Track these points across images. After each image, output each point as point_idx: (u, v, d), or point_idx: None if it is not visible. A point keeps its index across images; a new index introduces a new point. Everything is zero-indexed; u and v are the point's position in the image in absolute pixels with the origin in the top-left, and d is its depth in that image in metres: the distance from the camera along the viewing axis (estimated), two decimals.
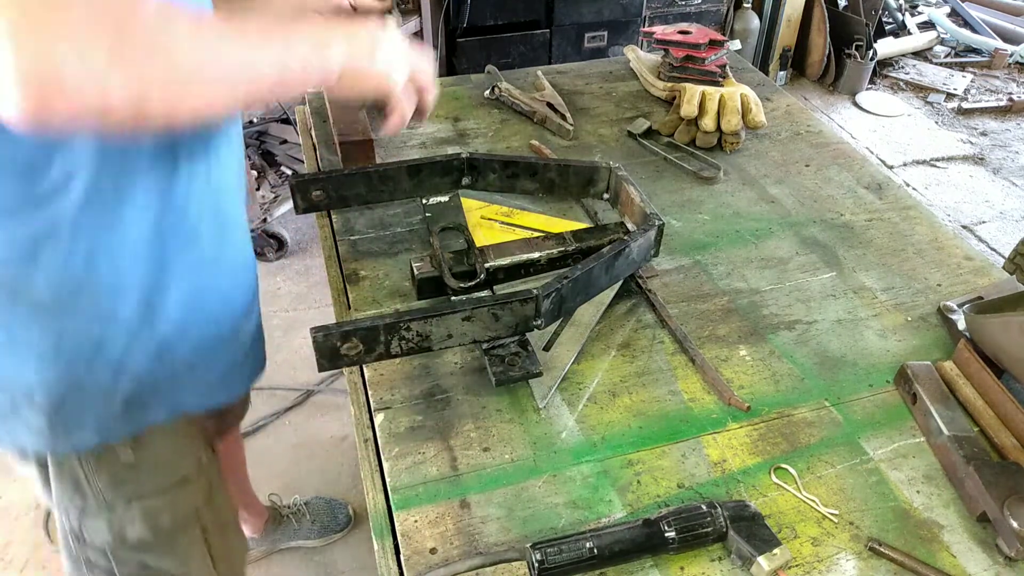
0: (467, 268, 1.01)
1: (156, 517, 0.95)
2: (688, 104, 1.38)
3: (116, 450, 0.89)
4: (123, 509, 0.93)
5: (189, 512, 0.99)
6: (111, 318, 0.80)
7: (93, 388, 0.83)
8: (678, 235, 1.18)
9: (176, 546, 0.99)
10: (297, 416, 2.18)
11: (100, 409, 0.85)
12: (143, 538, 0.95)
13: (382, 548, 0.77)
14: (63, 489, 0.91)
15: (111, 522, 0.93)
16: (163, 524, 0.96)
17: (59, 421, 0.84)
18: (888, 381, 0.95)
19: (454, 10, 2.97)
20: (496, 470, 0.83)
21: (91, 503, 0.92)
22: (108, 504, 0.92)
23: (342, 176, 1.10)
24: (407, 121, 0.88)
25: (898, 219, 1.24)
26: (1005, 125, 3.78)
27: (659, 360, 0.97)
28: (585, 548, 0.70)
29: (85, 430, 0.86)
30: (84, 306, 0.78)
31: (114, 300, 0.79)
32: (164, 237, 0.80)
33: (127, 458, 0.90)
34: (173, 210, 0.80)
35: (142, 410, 0.88)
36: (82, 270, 0.76)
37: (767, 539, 0.73)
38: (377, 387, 0.92)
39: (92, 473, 0.90)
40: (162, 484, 0.95)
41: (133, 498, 0.93)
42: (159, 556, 0.98)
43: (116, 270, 0.78)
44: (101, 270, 0.77)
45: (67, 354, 0.80)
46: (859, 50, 3.83)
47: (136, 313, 0.81)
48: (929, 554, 0.76)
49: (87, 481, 0.90)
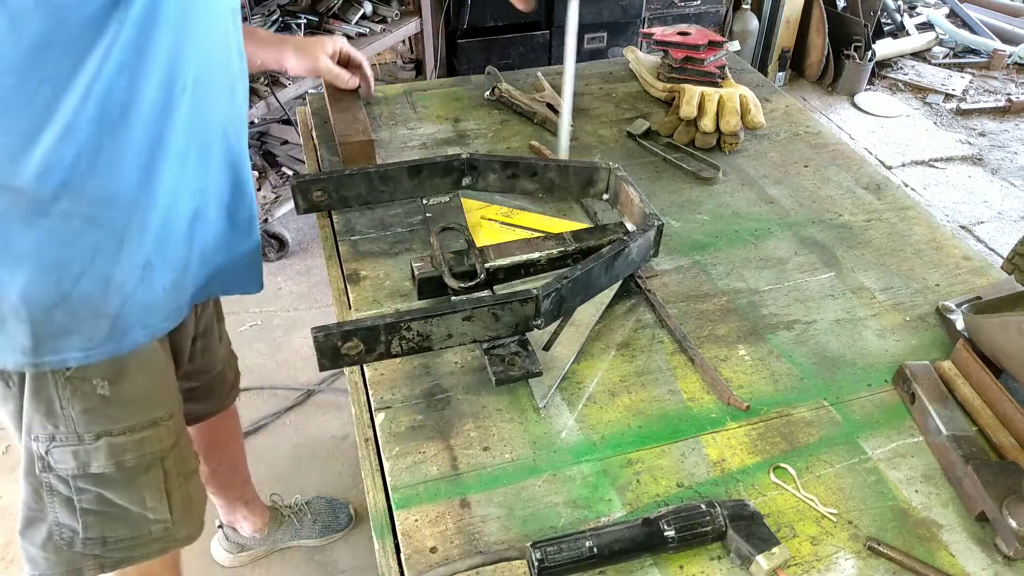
0: (467, 268, 1.01)
1: (121, 454, 0.98)
2: (687, 105, 1.38)
3: (93, 381, 0.92)
4: (90, 442, 0.96)
5: (154, 455, 1.02)
6: (105, 227, 0.84)
7: (81, 302, 0.85)
8: (677, 235, 1.19)
9: (136, 485, 1.01)
10: (298, 416, 2.18)
11: (86, 325, 0.87)
12: (106, 473, 0.98)
13: (383, 547, 0.77)
14: (36, 413, 0.93)
15: (77, 453, 0.96)
16: (127, 462, 0.99)
17: (45, 335, 0.86)
18: (887, 381, 0.95)
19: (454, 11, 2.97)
20: (496, 469, 0.83)
21: (61, 431, 0.94)
22: (78, 435, 0.95)
23: (343, 176, 1.11)
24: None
25: (897, 219, 1.24)
26: (1003, 126, 3.78)
27: (658, 360, 0.97)
28: (585, 547, 0.71)
29: (70, 348, 0.88)
30: (81, 211, 0.81)
31: (109, 208, 0.83)
32: (161, 152, 0.84)
33: (103, 390, 0.93)
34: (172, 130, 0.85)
35: (125, 331, 0.91)
36: (85, 171, 0.79)
37: (766, 538, 0.74)
38: (378, 387, 0.92)
39: (67, 400, 0.92)
40: (132, 423, 0.98)
41: (102, 433, 0.96)
42: (118, 492, 1.00)
43: (115, 176, 0.82)
44: (101, 173, 0.80)
45: (60, 263, 0.83)
46: (858, 51, 3.84)
47: (127, 224, 0.85)
48: (928, 553, 0.76)
49: (60, 408, 0.93)
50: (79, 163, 0.79)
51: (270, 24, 2.64)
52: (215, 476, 1.59)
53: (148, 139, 0.83)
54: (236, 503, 1.71)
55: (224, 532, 1.79)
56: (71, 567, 1.03)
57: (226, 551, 1.80)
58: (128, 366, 0.95)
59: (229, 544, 1.80)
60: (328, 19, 2.80)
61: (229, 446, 1.58)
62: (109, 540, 1.03)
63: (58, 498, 0.99)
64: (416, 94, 1.55)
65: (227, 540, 1.79)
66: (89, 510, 1.00)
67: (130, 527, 1.04)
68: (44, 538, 1.01)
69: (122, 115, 0.79)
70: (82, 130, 0.77)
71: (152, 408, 1.00)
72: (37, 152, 0.76)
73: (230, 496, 1.70)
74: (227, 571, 1.81)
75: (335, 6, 2.82)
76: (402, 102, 1.52)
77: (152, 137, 0.83)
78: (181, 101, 0.84)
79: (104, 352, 0.91)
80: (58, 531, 1.00)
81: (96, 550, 1.03)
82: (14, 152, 0.76)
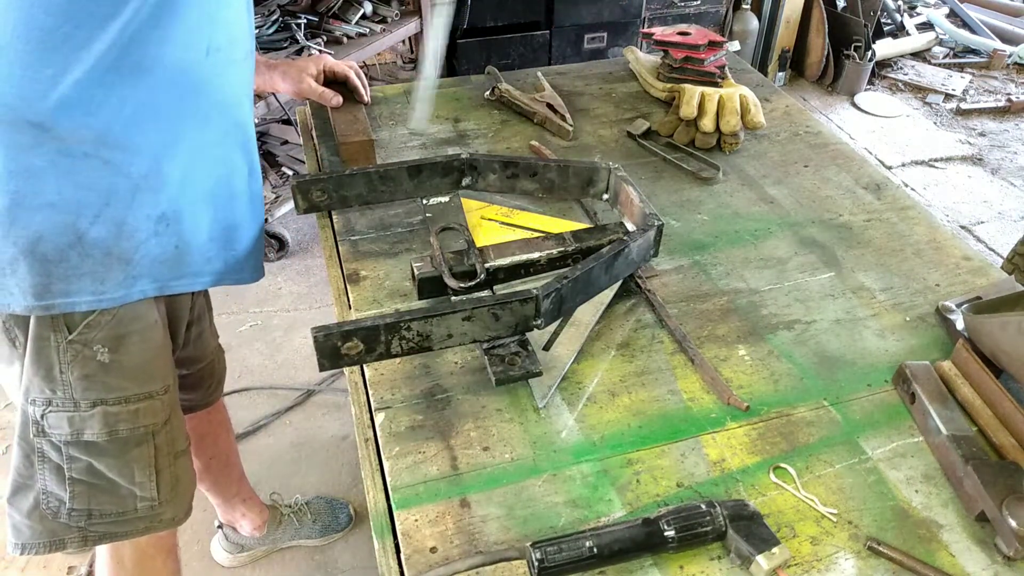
0: (467, 268, 1.01)
1: (114, 424, 0.99)
2: (687, 105, 1.38)
3: (94, 347, 0.94)
4: (86, 408, 0.97)
5: (147, 428, 1.03)
6: (122, 173, 0.88)
7: (95, 245, 0.89)
8: (677, 235, 1.19)
9: (127, 458, 1.03)
10: (298, 416, 2.18)
11: (99, 268, 0.90)
12: (98, 442, 0.99)
13: (383, 547, 0.77)
14: (35, 376, 0.95)
15: (72, 419, 0.97)
16: (120, 432, 1.00)
17: (58, 276, 0.88)
18: (887, 381, 0.95)
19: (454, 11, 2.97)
20: (496, 469, 0.83)
21: (58, 395, 0.96)
22: (74, 401, 0.96)
23: (343, 177, 1.11)
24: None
25: (897, 219, 1.24)
26: (1003, 125, 3.78)
27: (658, 360, 0.97)
28: (585, 547, 0.71)
29: (82, 291, 0.90)
30: (102, 154, 0.86)
31: (128, 155, 0.87)
32: (183, 110, 0.91)
33: (102, 357, 0.95)
34: (195, 90, 0.91)
35: (135, 280, 0.94)
36: (109, 116, 0.84)
37: (766, 538, 0.74)
38: (378, 387, 0.92)
39: (67, 364, 0.94)
40: (127, 394, 1.00)
41: (98, 401, 0.97)
42: (108, 463, 1.02)
43: (137, 125, 0.87)
44: (124, 121, 0.85)
45: (78, 203, 0.86)
46: (858, 51, 3.84)
47: (146, 174, 0.89)
48: (928, 553, 0.76)
49: (60, 372, 0.94)
50: (104, 107, 0.83)
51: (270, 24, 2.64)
52: (208, 471, 1.60)
53: (172, 94, 0.88)
54: (233, 501, 1.72)
55: (224, 532, 1.79)
56: (54, 537, 1.04)
57: (226, 551, 1.80)
58: (128, 335, 0.97)
59: (229, 544, 1.80)
60: (328, 19, 2.79)
61: (220, 439, 1.58)
62: (94, 513, 1.04)
63: (48, 465, 1.00)
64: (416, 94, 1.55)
65: (227, 540, 1.79)
66: (78, 480, 1.01)
67: (116, 502, 1.05)
68: (30, 506, 1.02)
69: (150, 66, 0.84)
70: (110, 75, 0.82)
71: (148, 380, 1.02)
72: (66, 91, 0.80)
73: (226, 494, 1.70)
74: (227, 571, 1.81)
75: (335, 6, 2.81)
76: (402, 102, 1.52)
77: (176, 94, 0.88)
78: (205, 63, 0.90)
79: (115, 299, 0.93)
80: (45, 500, 1.02)
81: (80, 522, 1.04)
82: (45, 89, 0.80)
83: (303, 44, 2.64)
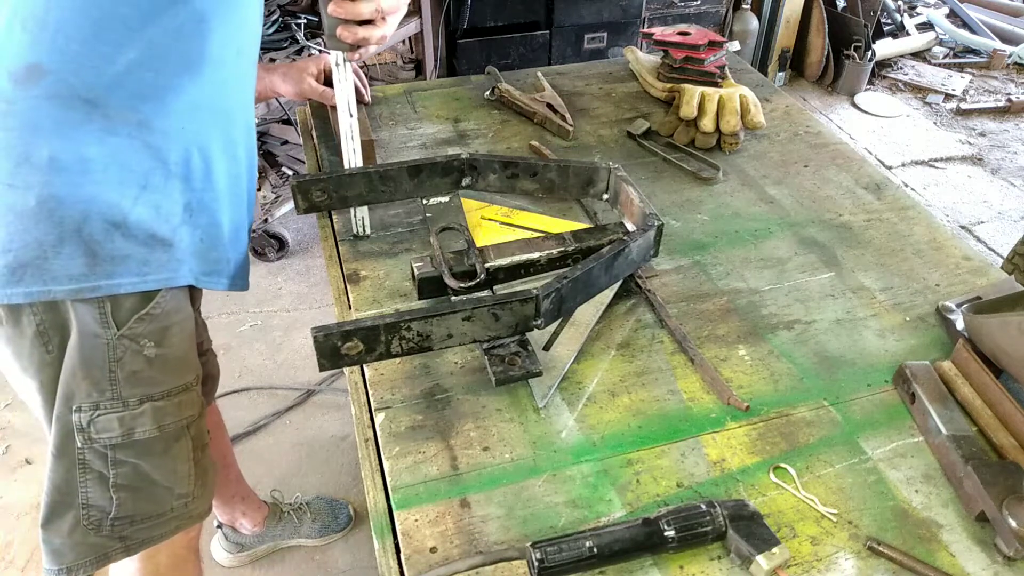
0: (467, 268, 1.01)
1: (163, 418, 1.00)
2: (687, 105, 1.38)
3: (141, 342, 0.95)
4: (135, 406, 0.97)
5: (187, 420, 1.04)
6: (159, 157, 0.90)
7: (138, 226, 0.90)
8: (677, 235, 1.19)
9: (171, 453, 1.03)
10: (298, 415, 2.18)
11: (142, 249, 0.92)
12: (149, 439, 0.99)
13: (383, 547, 0.77)
14: (83, 380, 0.94)
15: (123, 419, 0.97)
16: (168, 427, 1.01)
17: (103, 257, 0.89)
18: (887, 381, 0.95)
19: (454, 11, 2.97)
20: (496, 469, 0.83)
21: (107, 396, 0.95)
22: (123, 400, 0.96)
23: (343, 176, 1.11)
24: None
25: (897, 219, 1.24)
26: (1003, 125, 3.78)
27: (658, 360, 0.97)
28: (585, 547, 0.71)
29: (127, 272, 0.91)
30: (143, 136, 0.88)
31: (165, 140, 0.90)
32: (213, 106, 0.94)
33: (150, 351, 0.96)
34: (224, 87, 0.95)
35: (179, 264, 0.95)
36: (154, 100, 0.87)
37: (766, 538, 0.74)
38: (378, 387, 0.92)
39: (116, 363, 0.94)
40: (170, 387, 1.00)
41: (145, 398, 0.98)
42: (155, 463, 1.01)
43: (176, 112, 0.90)
44: (167, 108, 0.89)
45: (122, 183, 0.88)
46: (858, 51, 3.84)
47: (178, 161, 0.92)
48: (928, 553, 0.76)
49: (110, 371, 0.94)
50: (151, 92, 0.87)
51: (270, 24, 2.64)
52: None
53: (208, 91, 0.91)
54: (232, 501, 1.72)
55: (223, 532, 1.79)
56: (99, 552, 1.02)
57: (226, 551, 1.80)
58: (171, 327, 0.98)
59: (229, 544, 1.80)
60: None
61: (216, 441, 1.58)
62: (136, 519, 1.03)
63: (91, 476, 0.98)
64: (416, 94, 1.55)
65: (226, 540, 1.80)
66: (122, 486, 1.00)
67: (155, 503, 1.04)
68: (71, 526, 1.00)
69: (195, 60, 0.88)
70: (159, 61, 0.85)
71: (186, 371, 1.03)
72: (120, 70, 0.83)
73: (225, 495, 1.70)
74: (227, 571, 1.82)
75: None
76: (402, 102, 1.52)
77: (211, 91, 0.92)
78: (236, 64, 0.95)
79: (159, 280, 0.94)
80: (86, 515, 1.00)
81: (125, 531, 1.03)
82: (100, 66, 0.82)
83: (303, 44, 2.64)
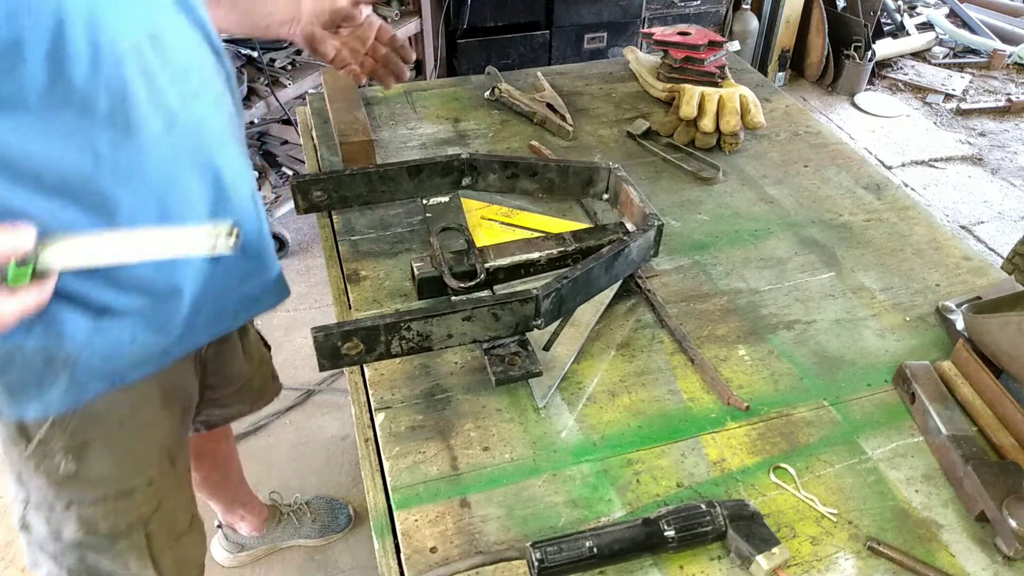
0: (467, 268, 1.01)
1: (93, 524, 0.95)
2: (687, 105, 1.38)
3: (55, 459, 0.89)
4: (61, 510, 0.94)
5: (132, 521, 0.98)
6: None
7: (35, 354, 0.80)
8: (677, 235, 1.19)
9: (115, 550, 0.99)
10: (298, 415, 2.18)
11: (43, 377, 0.82)
12: (79, 540, 0.96)
13: (383, 547, 0.77)
14: (11, 478, 0.93)
15: (49, 520, 0.94)
16: (101, 530, 0.96)
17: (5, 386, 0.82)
18: (887, 381, 0.95)
19: (454, 11, 2.97)
20: (496, 469, 0.83)
21: (33, 497, 0.93)
22: (48, 504, 0.93)
23: (343, 176, 1.11)
24: None
25: (897, 219, 1.24)
26: (1003, 126, 3.78)
27: (658, 360, 0.97)
28: (585, 547, 0.71)
29: (29, 399, 0.83)
30: None
31: None
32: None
33: (66, 468, 0.90)
34: None
35: (83, 385, 0.84)
36: None
37: (766, 538, 0.74)
38: (378, 387, 0.92)
39: (30, 473, 0.91)
40: (101, 495, 0.95)
41: (72, 502, 0.93)
42: (97, 557, 0.98)
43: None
44: None
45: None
46: (858, 51, 3.84)
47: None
48: (928, 553, 0.76)
49: (27, 479, 0.92)
50: None
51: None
52: (207, 482, 1.59)
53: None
54: (233, 504, 1.72)
55: (223, 532, 1.79)
56: None
57: (226, 551, 1.80)
58: (90, 442, 0.90)
59: (229, 544, 1.80)
60: None
61: (221, 447, 1.57)
62: None
63: (45, 553, 0.98)
64: (416, 94, 1.55)
65: (227, 540, 1.79)
66: (73, 569, 0.98)
67: None
68: None
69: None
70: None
71: (126, 478, 0.96)
72: None
73: (226, 499, 1.70)
74: (227, 571, 1.82)
75: None
76: (402, 102, 1.52)
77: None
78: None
79: (64, 404, 0.85)
80: None
81: None
82: None
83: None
